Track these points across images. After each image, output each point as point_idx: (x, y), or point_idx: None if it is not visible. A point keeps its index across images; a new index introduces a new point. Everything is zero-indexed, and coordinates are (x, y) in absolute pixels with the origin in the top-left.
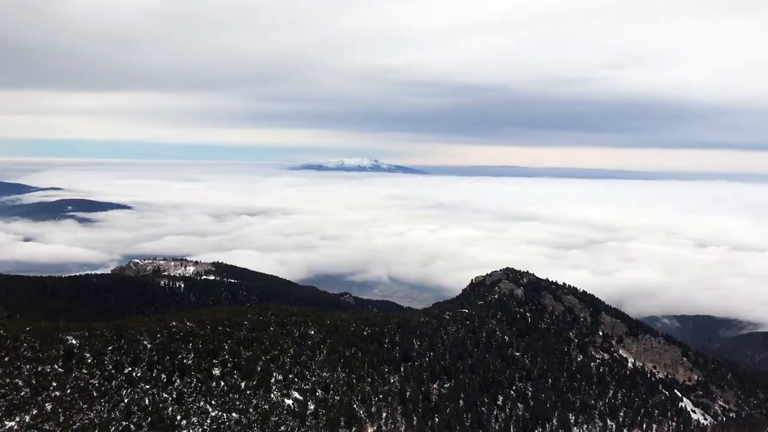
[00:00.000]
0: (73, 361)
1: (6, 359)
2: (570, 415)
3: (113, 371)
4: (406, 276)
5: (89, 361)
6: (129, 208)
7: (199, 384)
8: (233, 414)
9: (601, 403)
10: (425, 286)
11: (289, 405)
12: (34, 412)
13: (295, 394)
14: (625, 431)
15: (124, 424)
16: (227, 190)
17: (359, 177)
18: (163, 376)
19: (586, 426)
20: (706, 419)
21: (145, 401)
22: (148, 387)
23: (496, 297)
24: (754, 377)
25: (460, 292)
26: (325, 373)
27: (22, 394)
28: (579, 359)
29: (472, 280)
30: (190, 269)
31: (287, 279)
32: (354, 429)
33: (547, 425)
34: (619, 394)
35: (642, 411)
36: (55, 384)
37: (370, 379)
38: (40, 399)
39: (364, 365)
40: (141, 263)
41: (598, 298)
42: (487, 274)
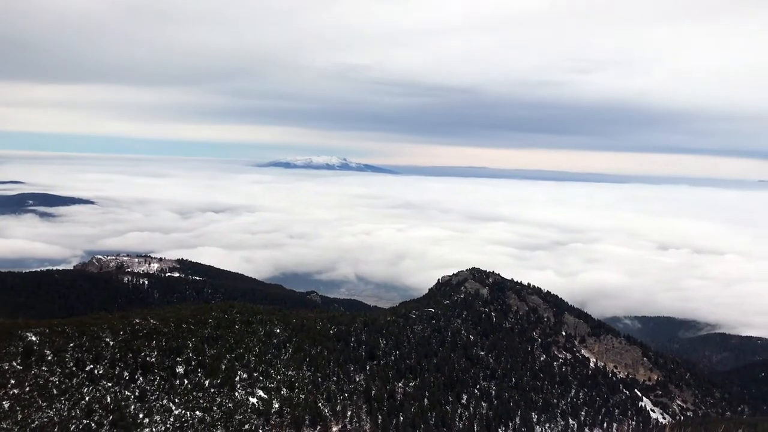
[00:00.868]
0: (33, 359)
1: None
2: (533, 414)
3: (74, 369)
4: (373, 275)
5: (49, 358)
6: (92, 203)
7: (162, 382)
8: (197, 412)
9: (563, 402)
10: (392, 285)
11: (253, 403)
12: None
13: (260, 393)
14: (586, 430)
15: (85, 422)
16: (193, 186)
17: (327, 175)
18: (126, 374)
19: (548, 425)
20: (664, 418)
21: (106, 399)
22: (110, 385)
23: (462, 296)
24: (711, 377)
25: (427, 291)
26: (290, 372)
27: None
28: (542, 359)
29: (438, 280)
30: (154, 266)
31: (253, 277)
32: (319, 428)
33: (510, 424)
34: (581, 394)
35: (603, 410)
36: (13, 381)
37: (335, 378)
38: None
39: (330, 364)
40: (104, 259)
41: (561, 299)
42: (453, 274)
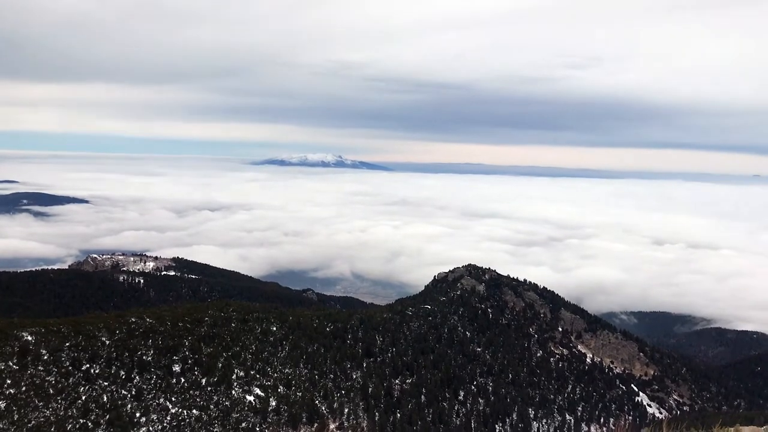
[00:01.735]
0: (29, 358)
1: None
2: (530, 409)
3: (70, 368)
4: (369, 272)
5: (45, 357)
6: (87, 202)
7: (158, 381)
8: (194, 411)
9: (560, 397)
10: (388, 283)
11: (250, 401)
12: None
13: (257, 391)
14: (583, 425)
15: (82, 421)
16: (188, 184)
17: (322, 173)
18: (122, 373)
19: (545, 420)
20: (661, 413)
21: (103, 398)
22: (106, 384)
23: (458, 293)
24: (707, 372)
25: (423, 288)
26: (287, 370)
27: None
28: (539, 355)
29: (434, 277)
30: (150, 265)
31: (249, 275)
32: (316, 425)
33: (507, 420)
34: (577, 389)
35: (600, 405)
36: (9, 381)
37: (332, 375)
38: None
39: (326, 361)
40: (99, 258)
41: (557, 295)
42: (449, 271)
